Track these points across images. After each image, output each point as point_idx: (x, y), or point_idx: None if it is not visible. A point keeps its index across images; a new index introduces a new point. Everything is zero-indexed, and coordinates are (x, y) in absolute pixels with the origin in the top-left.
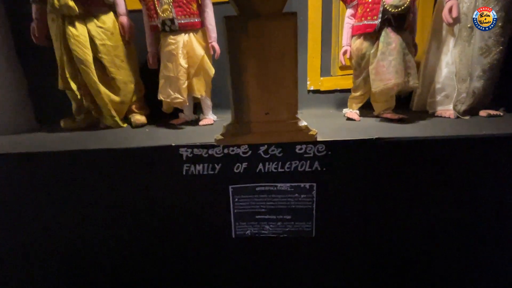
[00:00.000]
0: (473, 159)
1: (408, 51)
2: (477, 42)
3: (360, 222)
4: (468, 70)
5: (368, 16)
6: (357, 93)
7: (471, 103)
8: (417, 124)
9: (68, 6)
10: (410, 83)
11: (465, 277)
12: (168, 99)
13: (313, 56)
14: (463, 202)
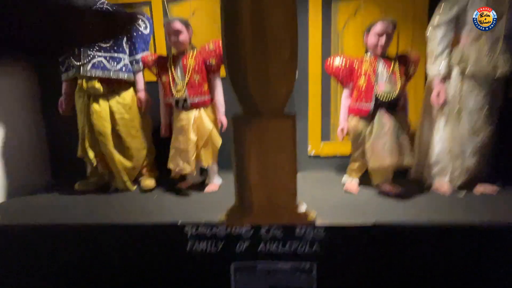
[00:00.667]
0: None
1: (402, 131)
2: (466, 124)
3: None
4: (460, 148)
5: (362, 99)
6: (356, 165)
7: (466, 179)
8: (413, 202)
9: (95, 88)
10: (405, 162)
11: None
12: (176, 169)
13: (314, 122)
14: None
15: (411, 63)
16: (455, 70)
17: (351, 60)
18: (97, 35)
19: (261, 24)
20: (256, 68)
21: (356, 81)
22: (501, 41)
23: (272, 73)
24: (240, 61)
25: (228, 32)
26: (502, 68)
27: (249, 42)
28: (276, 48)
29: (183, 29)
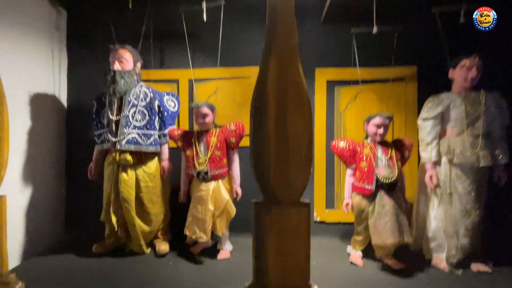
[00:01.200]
0: None
1: (401, 211)
2: (457, 206)
3: None
4: (454, 228)
5: (365, 181)
6: (359, 238)
7: (461, 257)
8: (415, 278)
9: (126, 160)
10: (405, 240)
11: None
12: (193, 236)
13: (319, 191)
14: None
15: (405, 149)
16: (444, 158)
17: (354, 144)
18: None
19: (284, 129)
20: (277, 164)
21: (359, 163)
22: (481, 138)
23: (291, 169)
24: (264, 157)
25: (256, 134)
26: (484, 161)
27: (273, 143)
28: (295, 149)
29: (209, 112)
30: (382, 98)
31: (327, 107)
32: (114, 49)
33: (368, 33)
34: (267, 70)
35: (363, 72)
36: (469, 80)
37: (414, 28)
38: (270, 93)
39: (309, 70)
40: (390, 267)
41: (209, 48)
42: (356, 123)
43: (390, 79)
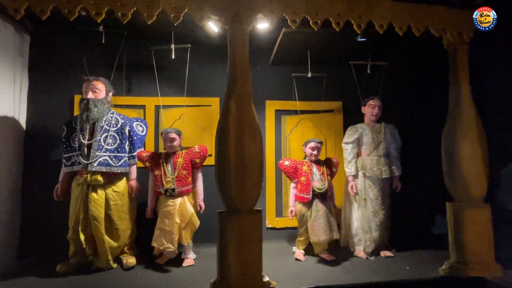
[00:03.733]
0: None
1: (331, 214)
2: (369, 208)
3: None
4: (368, 225)
5: (304, 191)
6: (302, 238)
7: (374, 247)
8: (343, 266)
9: (97, 180)
10: (334, 236)
11: None
12: (161, 247)
13: (270, 202)
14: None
15: (333, 166)
16: (360, 172)
17: (295, 163)
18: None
19: (241, 154)
20: (237, 181)
21: (299, 178)
22: (383, 157)
23: (247, 184)
24: (227, 176)
25: (220, 158)
26: (385, 173)
27: (233, 165)
28: (250, 169)
29: (176, 137)
30: (317, 125)
31: (275, 132)
32: (87, 80)
33: (305, 76)
34: (228, 109)
35: (303, 104)
36: (374, 115)
37: (339, 73)
38: (231, 126)
39: (261, 102)
40: (324, 259)
41: (175, 80)
42: (298, 146)
43: (322, 110)
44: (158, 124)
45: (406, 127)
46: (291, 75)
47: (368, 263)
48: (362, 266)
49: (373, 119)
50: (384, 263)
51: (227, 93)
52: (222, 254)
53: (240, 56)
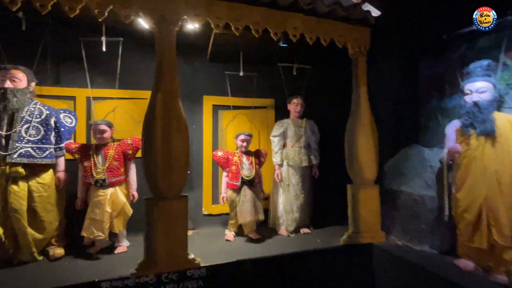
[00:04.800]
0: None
1: (257, 199)
2: (292, 192)
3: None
4: (290, 207)
5: (234, 179)
6: (232, 221)
7: (295, 226)
8: (267, 243)
9: (18, 172)
10: (259, 218)
11: None
12: (91, 236)
13: (207, 191)
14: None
15: (262, 156)
16: (285, 162)
17: (228, 153)
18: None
19: (168, 145)
20: (163, 169)
21: (230, 167)
22: (303, 148)
23: (174, 173)
24: (153, 165)
25: (146, 148)
26: (305, 162)
27: (159, 155)
28: (177, 159)
29: (107, 129)
30: (252, 120)
31: (213, 126)
32: (5, 68)
33: (238, 74)
34: (155, 103)
35: (238, 100)
36: (297, 112)
37: (270, 73)
38: (157, 119)
39: (199, 96)
40: (252, 238)
41: (109, 72)
42: (234, 139)
43: (256, 106)
44: (90, 116)
45: (325, 123)
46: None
47: (288, 239)
48: (283, 242)
49: (296, 115)
50: (301, 238)
51: (154, 88)
52: (149, 236)
53: (167, 54)
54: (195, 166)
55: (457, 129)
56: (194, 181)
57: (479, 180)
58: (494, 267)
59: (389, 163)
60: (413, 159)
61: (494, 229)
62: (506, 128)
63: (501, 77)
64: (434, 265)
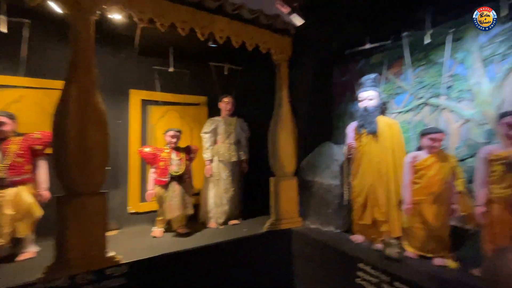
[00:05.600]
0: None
1: (186, 194)
2: (222, 186)
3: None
4: (220, 200)
5: (162, 175)
6: (160, 218)
7: (225, 218)
8: (197, 235)
9: None
10: (188, 212)
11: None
12: None
13: (134, 189)
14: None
15: (192, 152)
16: (215, 157)
17: (156, 149)
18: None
19: (84, 140)
20: (78, 165)
21: (158, 163)
22: (233, 145)
23: (92, 169)
24: (65, 160)
25: (57, 142)
26: (234, 158)
27: (73, 149)
28: (95, 154)
29: (6, 121)
30: (184, 117)
31: (142, 121)
32: None
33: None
34: (68, 94)
35: (170, 96)
36: (227, 110)
37: (203, 71)
38: (71, 112)
39: (125, 90)
40: (180, 233)
41: (12, 56)
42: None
43: (185, 103)
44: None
45: (254, 121)
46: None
47: (217, 231)
48: (212, 234)
49: (227, 113)
50: (230, 229)
51: (67, 79)
52: (60, 236)
53: (83, 44)
54: (120, 162)
55: (354, 129)
56: (120, 178)
57: (367, 170)
58: (376, 238)
59: (306, 158)
60: (324, 154)
61: (375, 208)
62: (385, 129)
63: (384, 88)
64: (336, 241)
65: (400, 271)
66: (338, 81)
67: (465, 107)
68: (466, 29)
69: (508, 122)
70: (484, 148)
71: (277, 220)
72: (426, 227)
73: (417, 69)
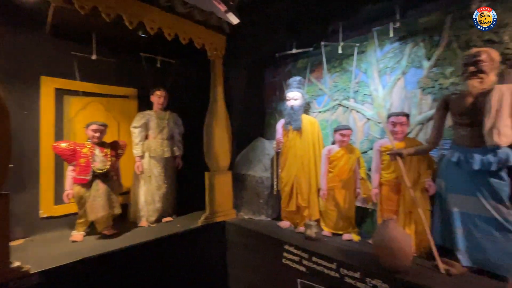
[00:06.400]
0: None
1: (112, 192)
2: (154, 183)
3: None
4: (152, 198)
5: (83, 173)
6: (81, 220)
7: (157, 216)
8: (123, 236)
9: None
10: (115, 212)
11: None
12: None
13: (46, 190)
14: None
15: (120, 148)
16: (146, 153)
17: (75, 145)
18: None
19: None
20: None
21: (79, 160)
22: (166, 140)
23: None
24: None
25: None
26: (167, 153)
27: None
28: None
29: None
30: (110, 110)
31: (56, 113)
32: None
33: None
34: None
35: (91, 86)
36: (160, 104)
37: (133, 62)
38: None
39: (34, 77)
40: (106, 235)
41: None
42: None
43: (111, 95)
44: None
45: (189, 116)
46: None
47: (149, 230)
48: (143, 233)
49: (159, 107)
50: (163, 226)
51: None
52: None
53: None
54: (29, 160)
55: (282, 125)
56: (28, 178)
57: (293, 162)
58: (299, 222)
59: (241, 153)
60: (257, 149)
61: (299, 196)
62: (308, 126)
63: (308, 90)
64: (266, 229)
65: (317, 248)
66: (269, 81)
67: (367, 108)
68: (368, 45)
69: (392, 121)
70: (377, 142)
71: (212, 214)
72: (338, 209)
73: (334, 74)
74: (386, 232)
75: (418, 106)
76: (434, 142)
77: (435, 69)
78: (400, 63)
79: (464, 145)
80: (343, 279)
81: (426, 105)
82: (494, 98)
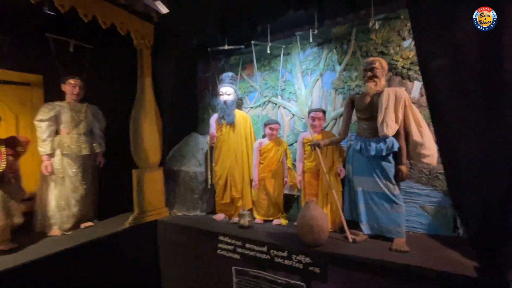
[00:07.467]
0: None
1: (10, 199)
2: (68, 185)
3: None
4: (66, 202)
5: None
6: None
7: (74, 221)
8: (30, 249)
9: None
10: (15, 221)
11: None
12: None
13: None
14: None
15: (20, 145)
16: (57, 151)
17: None
18: None
19: None
20: None
21: None
22: (83, 135)
23: None
24: None
25: None
26: (85, 150)
27: None
28: None
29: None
30: (4, 99)
31: None
32: None
33: None
34: None
35: None
36: (74, 94)
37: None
38: None
39: None
40: (3, 250)
41: None
42: None
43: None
44: None
45: (111, 109)
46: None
47: (64, 238)
48: (55, 243)
49: (74, 98)
50: (81, 233)
51: None
52: None
53: None
54: None
55: (216, 120)
56: None
57: (226, 156)
58: (234, 213)
59: (173, 148)
60: (191, 144)
61: (233, 188)
62: (241, 121)
63: (240, 86)
64: (200, 223)
65: (250, 235)
66: (202, 76)
67: (292, 105)
68: (292, 47)
69: (312, 116)
70: (301, 134)
71: (141, 214)
72: (268, 197)
73: (263, 72)
74: (307, 212)
75: (332, 104)
76: (343, 134)
77: (345, 72)
78: (318, 66)
79: (365, 136)
80: (273, 259)
81: (338, 103)
82: (384, 98)
